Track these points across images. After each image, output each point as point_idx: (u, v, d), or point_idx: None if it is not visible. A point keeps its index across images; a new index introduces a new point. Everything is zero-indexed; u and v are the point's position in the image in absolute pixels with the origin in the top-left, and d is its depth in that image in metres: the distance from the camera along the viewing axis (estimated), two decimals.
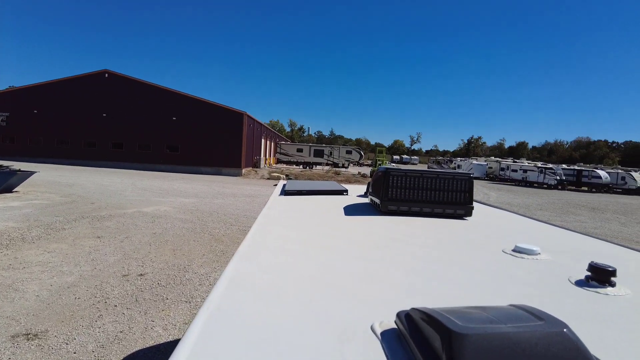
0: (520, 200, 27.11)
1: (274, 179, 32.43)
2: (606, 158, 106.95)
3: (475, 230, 1.85)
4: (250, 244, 1.40)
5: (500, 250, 1.42)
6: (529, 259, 1.32)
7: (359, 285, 1.04)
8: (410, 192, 2.10)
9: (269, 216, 1.99)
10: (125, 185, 20.64)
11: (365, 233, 1.66)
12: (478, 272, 1.16)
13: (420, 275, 1.12)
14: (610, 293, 1.00)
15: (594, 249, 1.66)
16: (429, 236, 1.65)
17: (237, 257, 1.26)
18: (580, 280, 1.08)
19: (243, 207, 15.64)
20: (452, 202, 2.11)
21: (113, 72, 34.59)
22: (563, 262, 1.31)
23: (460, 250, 1.43)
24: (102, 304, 5.54)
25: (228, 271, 1.11)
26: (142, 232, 10.02)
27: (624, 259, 1.51)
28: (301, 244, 1.44)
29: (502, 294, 0.99)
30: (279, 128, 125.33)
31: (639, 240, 14.21)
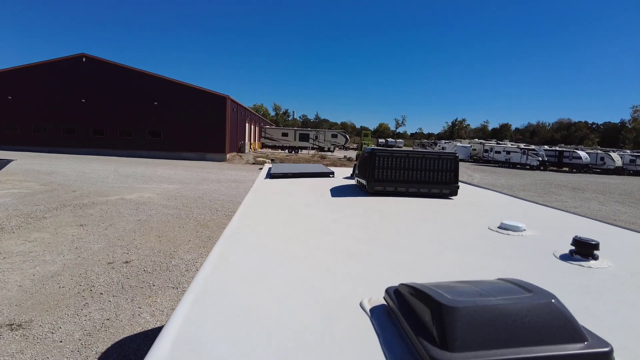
0: (504, 181, 27.57)
1: (259, 163, 32.24)
2: (586, 139, 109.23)
3: (461, 209, 1.86)
4: (236, 226, 1.38)
5: (486, 227, 1.43)
6: (515, 235, 1.33)
7: (347, 264, 1.03)
8: (397, 172, 2.10)
9: (255, 199, 1.97)
10: (107, 172, 20.26)
11: (352, 213, 1.65)
12: (464, 248, 1.17)
13: (407, 252, 1.12)
14: (594, 266, 1.02)
15: (577, 225, 1.69)
16: (415, 215, 1.65)
17: (223, 239, 1.24)
18: (564, 255, 1.09)
19: (228, 193, 15.53)
20: (437, 181, 2.12)
21: (91, 56, 33.53)
22: (548, 238, 1.33)
23: (446, 228, 1.43)
24: (88, 292, 5.48)
25: (214, 254, 1.09)
26: (126, 220, 9.88)
27: (606, 234, 1.54)
28: (287, 226, 1.42)
29: (489, 269, 0.99)
30: (263, 112, 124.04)
31: (617, 218, 14.65)
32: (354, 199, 2.01)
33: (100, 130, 33.84)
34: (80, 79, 33.20)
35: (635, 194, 23.54)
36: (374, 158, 2.08)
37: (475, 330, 0.55)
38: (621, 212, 16.54)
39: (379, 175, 2.09)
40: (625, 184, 31.08)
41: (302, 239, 1.30)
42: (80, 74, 33.23)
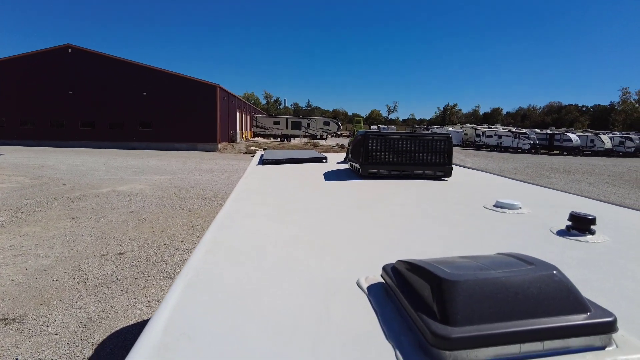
0: (496, 165, 27.75)
1: (251, 152, 32.07)
2: (576, 122, 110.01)
3: (455, 189, 1.85)
4: (229, 211, 1.35)
5: (481, 206, 1.42)
6: (511, 213, 1.33)
7: (342, 244, 1.01)
8: (390, 154, 2.08)
9: (247, 184, 1.94)
10: (97, 165, 20.04)
11: (346, 195, 1.64)
12: (461, 226, 1.16)
13: (403, 231, 1.10)
14: (591, 240, 1.01)
15: (572, 203, 1.69)
16: (409, 195, 1.64)
17: (215, 224, 1.21)
18: (561, 230, 1.09)
19: (221, 183, 15.46)
20: (431, 163, 2.11)
21: (76, 46, 32.86)
22: (543, 215, 1.33)
23: (442, 207, 1.42)
24: (82, 284, 5.44)
25: (206, 238, 1.06)
26: (118, 211, 9.80)
27: (601, 210, 1.54)
28: (281, 209, 1.40)
29: (486, 246, 0.98)
30: (254, 100, 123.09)
31: (606, 200, 14.82)
32: (348, 182, 1.99)
33: (89, 123, 33.35)
34: (67, 70, 32.56)
35: (625, 175, 23.83)
36: (367, 141, 2.05)
37: (477, 304, 0.54)
38: (611, 192, 16.76)
39: (372, 158, 2.07)
40: (615, 165, 31.44)
41: (296, 221, 1.28)
42: (66, 65, 32.58)
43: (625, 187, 18.91)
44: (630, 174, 24.94)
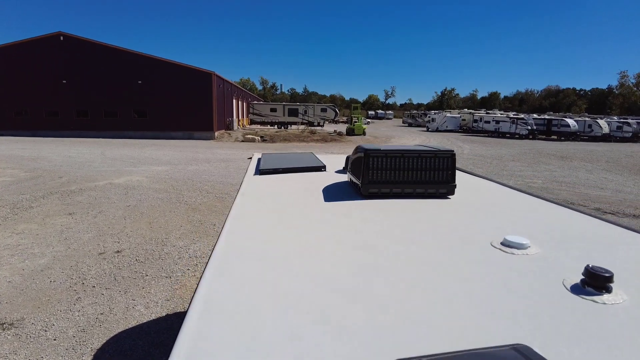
0: (494, 152, 27.70)
1: (248, 141, 31.92)
2: (574, 106, 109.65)
3: (460, 213, 1.79)
4: (224, 249, 1.29)
5: (488, 244, 1.36)
6: (519, 255, 1.27)
7: (335, 285, 0.98)
8: (391, 173, 2.01)
9: (244, 206, 1.88)
10: (94, 156, 19.89)
11: (346, 227, 1.57)
12: (467, 279, 1.10)
13: (403, 285, 1.05)
14: (608, 301, 0.96)
15: (586, 230, 1.62)
16: (412, 229, 1.57)
17: (211, 269, 1.15)
18: (575, 286, 1.03)
19: (218, 173, 15.38)
20: (434, 181, 2.05)
21: (68, 34, 32.27)
22: (554, 257, 1.27)
23: (448, 248, 1.36)
24: (80, 285, 5.41)
25: (201, 291, 1.01)
26: (115, 206, 9.75)
27: (617, 243, 1.47)
28: (279, 237, 1.35)
29: (496, 310, 0.93)
30: (250, 86, 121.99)
31: (604, 187, 14.85)
32: (348, 204, 1.93)
33: (84, 112, 32.98)
34: (59, 58, 32.04)
35: (622, 161, 23.86)
36: (368, 159, 1.99)
37: None
38: (608, 179, 16.78)
39: (373, 177, 2.00)
40: (612, 150, 31.46)
41: (296, 261, 1.23)
42: (58, 53, 32.05)
43: (622, 173, 18.94)
44: (628, 160, 24.96)
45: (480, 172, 18.68)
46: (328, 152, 20.57)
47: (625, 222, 1.70)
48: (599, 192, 13.85)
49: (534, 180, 15.92)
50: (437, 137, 41.64)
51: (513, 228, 1.60)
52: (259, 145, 29.76)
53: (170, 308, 4.91)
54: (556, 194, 13.13)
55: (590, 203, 11.83)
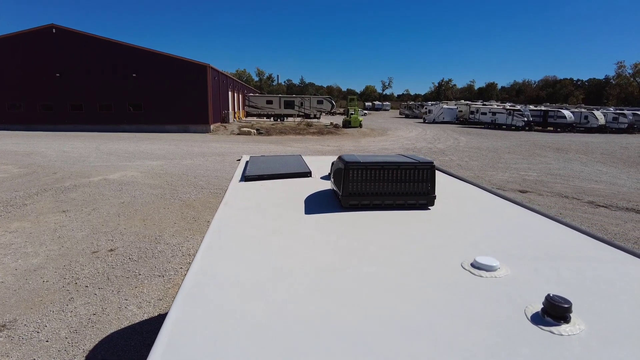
0: (489, 144, 27.74)
1: (244, 134, 31.83)
2: (571, 96, 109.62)
3: (438, 228, 1.81)
4: (197, 274, 1.31)
5: (459, 265, 1.39)
6: (487, 278, 1.29)
7: (306, 303, 1.00)
8: (371, 184, 2.03)
9: (223, 220, 1.89)
10: (88, 150, 19.81)
11: (322, 245, 1.59)
12: (431, 306, 1.12)
13: (363, 314, 1.07)
14: (565, 332, 0.98)
15: (559, 245, 1.64)
16: (387, 246, 1.59)
17: (183, 293, 1.17)
18: (536, 315, 1.05)
19: (213, 168, 15.37)
20: (413, 192, 2.06)
21: (61, 26, 31.91)
22: (522, 280, 1.29)
23: (419, 269, 1.38)
24: (73, 285, 5.44)
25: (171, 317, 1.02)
26: (109, 203, 9.74)
27: (589, 260, 1.50)
28: (253, 270, 1.36)
29: (453, 343, 0.95)
30: (247, 78, 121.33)
31: (598, 180, 14.93)
32: (327, 217, 1.94)
33: (79, 106, 32.75)
34: (52, 51, 31.72)
35: (617, 153, 23.95)
36: (348, 172, 2.00)
37: None
38: (602, 172, 16.86)
39: (353, 189, 2.02)
40: (607, 142, 31.55)
41: (266, 276, 1.26)
42: (51, 46, 31.72)
43: (616, 165, 19.03)
44: (623, 151, 25.06)
45: (476, 165, 18.68)
46: (324, 145, 20.53)
47: (603, 235, 1.69)
48: (593, 184, 13.92)
49: (529, 173, 15.98)
50: (433, 129, 41.62)
51: (488, 244, 1.62)
52: (254, 138, 29.68)
53: (162, 308, 4.95)
54: (550, 187, 13.20)
55: (584, 196, 11.90)
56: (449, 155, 20.99)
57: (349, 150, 22.49)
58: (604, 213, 10.05)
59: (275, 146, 23.81)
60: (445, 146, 25.82)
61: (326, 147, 23.68)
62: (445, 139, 31.26)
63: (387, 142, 28.00)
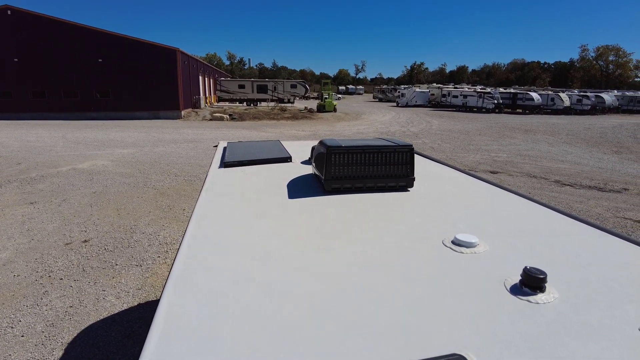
0: (461, 127, 28.29)
1: (216, 119, 31.28)
2: (538, 79, 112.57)
3: (418, 209, 1.87)
4: (186, 260, 1.31)
5: (440, 243, 1.45)
6: (467, 254, 1.35)
7: (293, 281, 1.04)
8: (353, 168, 2.07)
9: (206, 207, 1.89)
10: (54, 140, 19.03)
11: (307, 228, 1.62)
12: (415, 282, 1.17)
13: (352, 291, 1.11)
14: (540, 301, 1.05)
15: (533, 222, 1.72)
16: (370, 227, 1.64)
17: (172, 283, 1.17)
18: (514, 286, 1.12)
19: (186, 155, 15.09)
20: (394, 175, 2.11)
21: (16, 8, 30.12)
22: (500, 255, 1.36)
23: (403, 247, 1.43)
24: (46, 278, 5.30)
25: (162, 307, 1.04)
26: (80, 193, 9.45)
27: (560, 234, 1.58)
28: (240, 254, 1.38)
29: (438, 315, 1.00)
30: (217, 62, 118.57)
31: (563, 160, 15.53)
32: (311, 201, 1.97)
33: (41, 92, 31.25)
34: (8, 35, 29.94)
35: (581, 134, 24.91)
36: (330, 156, 2.03)
37: None
38: (568, 152, 17.54)
39: (335, 173, 2.05)
40: (572, 123, 32.73)
41: (254, 260, 1.29)
42: (7, 29, 29.92)
43: (580, 145, 19.82)
44: (586, 132, 26.09)
45: (448, 147, 19.03)
46: (299, 130, 20.43)
47: (571, 212, 1.80)
48: (559, 164, 14.48)
49: (499, 154, 16.45)
50: (406, 113, 42.04)
51: (466, 222, 1.69)
52: (227, 123, 29.21)
53: (142, 297, 4.90)
54: (520, 167, 13.65)
55: (551, 175, 12.38)
56: (421, 139, 21.31)
57: (325, 135, 22.48)
58: (569, 191, 10.51)
59: (249, 132, 23.54)
60: (418, 129, 26.18)
61: (301, 132, 23.60)
62: (418, 122, 31.66)
63: (362, 126, 28.13)
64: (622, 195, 10.23)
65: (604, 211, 8.74)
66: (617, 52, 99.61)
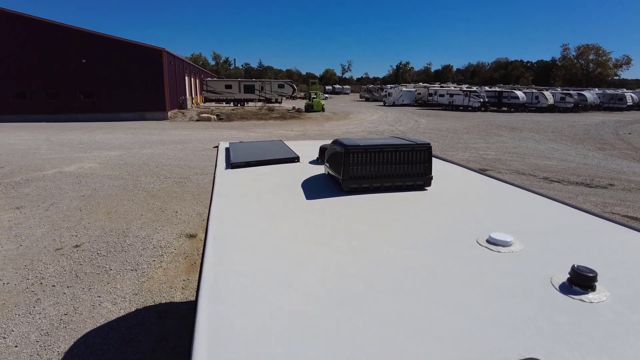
0: (449, 125, 28.54)
1: (204, 120, 30.97)
2: (522, 77, 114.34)
3: (441, 208, 1.83)
4: (214, 264, 1.25)
5: (474, 242, 1.41)
6: (505, 253, 1.32)
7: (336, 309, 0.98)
8: (371, 167, 2.03)
9: (223, 209, 1.82)
10: (38, 142, 18.58)
11: (334, 229, 1.57)
12: (461, 283, 1.13)
13: (402, 294, 1.07)
14: (593, 300, 1.02)
15: (558, 219, 1.70)
16: (399, 227, 1.59)
17: (206, 287, 1.11)
18: (563, 285, 1.09)
19: (175, 156, 14.88)
20: (412, 174, 2.08)
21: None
22: (538, 253, 1.33)
23: (437, 247, 1.39)
24: (38, 285, 5.13)
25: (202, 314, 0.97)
26: (68, 197, 9.23)
27: (584, 232, 1.57)
28: (271, 256, 1.32)
29: (495, 317, 0.96)
30: (203, 62, 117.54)
31: (550, 157, 15.77)
32: (331, 201, 1.92)
33: (22, 94, 30.47)
34: None
35: (565, 131, 25.35)
36: (348, 155, 1.98)
37: None
38: (554, 149, 17.81)
39: (353, 173, 2.00)
40: (557, 121, 33.30)
41: (289, 262, 1.24)
42: None
43: (566, 142, 20.16)
44: (570, 129, 26.55)
45: (437, 146, 19.18)
46: (288, 130, 20.36)
47: (592, 209, 1.79)
48: (547, 161, 14.69)
49: (488, 152, 16.62)
50: (394, 112, 42.25)
51: (494, 222, 1.66)
52: (215, 124, 28.94)
53: (139, 302, 4.78)
54: (508, 164, 13.80)
55: (539, 172, 12.55)
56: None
57: (314, 134, 22.43)
58: (558, 188, 10.66)
59: (237, 132, 23.36)
60: (406, 128, 26.31)
61: (290, 132, 23.50)
62: (406, 121, 31.84)
63: (351, 125, 28.16)
64: (609, 191, 10.42)
65: (593, 207, 8.88)
66: (597, 51, 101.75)
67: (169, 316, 4.52)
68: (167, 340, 4.06)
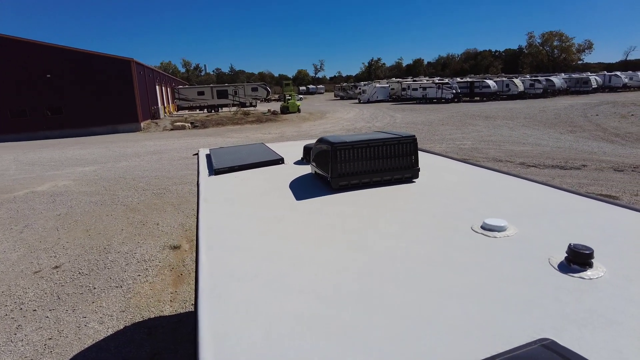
0: (424, 118, 28.91)
1: (178, 129, 30.49)
2: (491, 67, 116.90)
3: (431, 198, 1.83)
4: (211, 271, 1.21)
5: (469, 229, 1.41)
6: (501, 238, 1.32)
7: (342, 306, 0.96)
8: (358, 163, 2.01)
9: (212, 216, 1.77)
10: (5, 163, 17.91)
11: (329, 227, 1.54)
12: (462, 270, 1.12)
13: (408, 285, 1.05)
14: (592, 276, 1.04)
15: (545, 202, 1.72)
16: (393, 220, 1.58)
17: (205, 295, 1.07)
18: (561, 264, 1.10)
19: (152, 167, 14.57)
20: (399, 167, 2.07)
21: None
22: (532, 236, 1.34)
23: (435, 237, 1.38)
24: (17, 311, 4.93)
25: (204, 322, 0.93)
26: (43, 217, 8.91)
27: (572, 211, 1.59)
28: (270, 259, 1.28)
29: (501, 300, 0.96)
30: (173, 70, 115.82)
31: (525, 142, 16.15)
32: (321, 200, 1.89)
33: None
34: None
35: (537, 117, 26.01)
36: (335, 152, 1.96)
37: None
38: (527, 135, 18.26)
39: (341, 170, 1.98)
40: (528, 107, 34.14)
41: (289, 263, 1.21)
42: None
43: (538, 127, 20.69)
44: (542, 114, 27.27)
45: None
46: (265, 133, 20.19)
47: (575, 189, 1.81)
48: (522, 147, 15.04)
49: (464, 142, 16.90)
50: (369, 109, 42.55)
51: (485, 208, 1.67)
52: (190, 132, 28.52)
53: (127, 319, 4.64)
54: (485, 152, 14.07)
55: (515, 158, 12.83)
56: None
57: (292, 136, 22.35)
58: (534, 172, 10.91)
59: (214, 138, 23.07)
60: (382, 124, 26.53)
61: (268, 135, 23.35)
62: (382, 117, 32.10)
63: (328, 124, 28.20)
64: (582, 172, 10.74)
65: (569, 187, 9.13)
66: (560, 37, 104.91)
67: (160, 331, 4.41)
68: (160, 356, 3.95)
